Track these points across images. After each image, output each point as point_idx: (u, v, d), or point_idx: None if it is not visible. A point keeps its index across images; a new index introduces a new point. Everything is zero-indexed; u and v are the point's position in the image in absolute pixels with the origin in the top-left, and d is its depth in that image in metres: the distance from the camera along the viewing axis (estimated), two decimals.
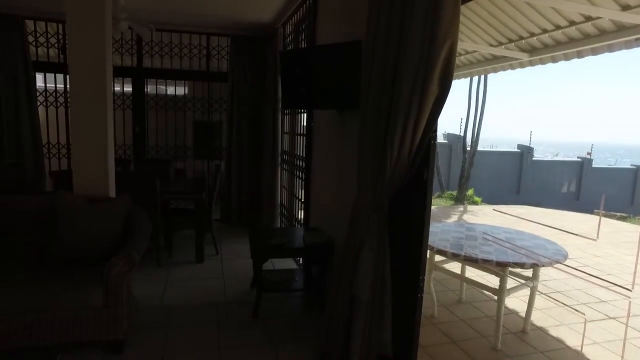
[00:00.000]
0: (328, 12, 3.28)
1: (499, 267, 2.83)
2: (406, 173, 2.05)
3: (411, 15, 1.84)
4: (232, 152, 5.56)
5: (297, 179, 4.26)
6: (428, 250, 2.41)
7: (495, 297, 2.96)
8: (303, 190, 3.92)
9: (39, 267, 2.74)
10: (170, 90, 5.78)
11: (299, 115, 4.28)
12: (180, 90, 6.21)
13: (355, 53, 2.43)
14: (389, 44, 1.98)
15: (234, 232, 5.44)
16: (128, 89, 5.68)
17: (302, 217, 3.97)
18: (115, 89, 5.44)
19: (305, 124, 3.87)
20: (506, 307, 3.41)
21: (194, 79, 5.78)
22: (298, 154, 4.26)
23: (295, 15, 4.20)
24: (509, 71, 5.54)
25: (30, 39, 5.03)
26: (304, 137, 3.89)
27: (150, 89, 5.79)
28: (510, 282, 2.99)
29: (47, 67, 5.23)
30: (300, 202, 4.15)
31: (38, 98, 5.17)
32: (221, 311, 3.19)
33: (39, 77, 5.25)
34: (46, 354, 2.48)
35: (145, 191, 3.79)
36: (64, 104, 5.35)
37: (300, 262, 3.85)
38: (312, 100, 3.07)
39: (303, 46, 4.03)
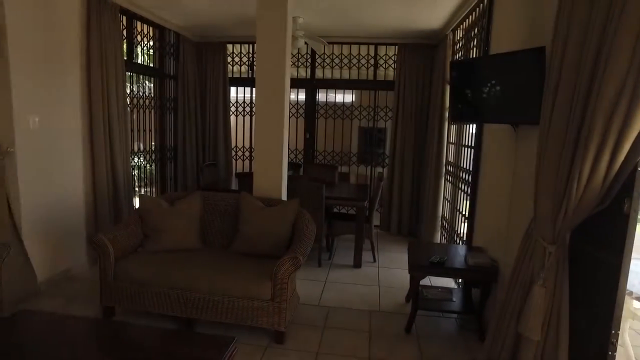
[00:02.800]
0: (504, 14, 2.99)
1: None
2: (598, 203, 1.72)
3: (619, 16, 1.52)
4: (395, 160, 5.57)
5: (461, 193, 4.01)
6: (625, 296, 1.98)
7: None
8: (467, 205, 3.66)
9: (224, 255, 3.20)
10: (339, 99, 6.11)
11: (467, 125, 4.01)
12: (348, 99, 6.50)
13: (536, 61, 2.15)
14: (585, 50, 1.68)
15: (392, 240, 5.44)
16: (302, 97, 6.21)
17: (465, 233, 3.72)
18: (291, 97, 6.03)
19: (473, 136, 3.61)
20: None
21: (362, 87, 5.98)
22: (464, 166, 4.00)
23: (467, 20, 3.95)
24: None
25: (228, 59, 5.96)
26: (472, 150, 3.63)
27: (321, 97, 6.22)
28: None
29: (239, 82, 6.12)
30: (463, 217, 3.90)
31: (230, 108, 6.11)
32: (374, 320, 3.21)
33: (232, 90, 6.19)
34: (227, 332, 2.89)
35: (312, 196, 4.08)
36: (249, 113, 6.18)
37: (460, 281, 3.61)
38: (482, 114, 2.84)
39: (474, 52, 3.76)
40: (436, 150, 4.82)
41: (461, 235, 3.93)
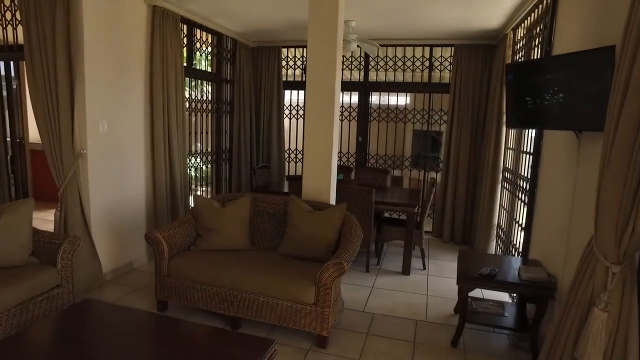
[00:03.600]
0: (570, 11, 2.78)
1: None
2: None
3: None
4: (449, 165, 5.39)
5: (519, 201, 3.79)
6: None
7: None
8: (525, 215, 3.46)
9: (271, 257, 3.26)
10: (393, 101, 6.02)
11: (527, 130, 3.78)
12: (402, 101, 6.38)
13: (605, 61, 1.98)
14: None
15: (444, 247, 5.26)
16: (355, 100, 6.19)
17: (521, 244, 3.51)
18: (345, 100, 6.04)
19: (533, 142, 3.40)
20: None
21: (416, 90, 5.85)
22: (522, 173, 3.78)
23: (529, 17, 3.73)
24: None
25: (283, 63, 6.08)
26: (531, 156, 3.42)
27: (374, 100, 6.16)
28: None
29: (292, 85, 6.23)
30: (520, 227, 3.68)
31: (284, 111, 6.22)
32: (420, 330, 3.12)
33: (286, 93, 6.30)
34: (271, 332, 2.95)
35: (362, 200, 4.05)
36: (302, 116, 6.27)
37: (514, 295, 3.41)
38: (542, 119, 2.66)
39: (536, 52, 3.54)
40: (493, 155, 4.60)
41: (517, 246, 3.72)
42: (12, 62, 4.36)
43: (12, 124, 4.21)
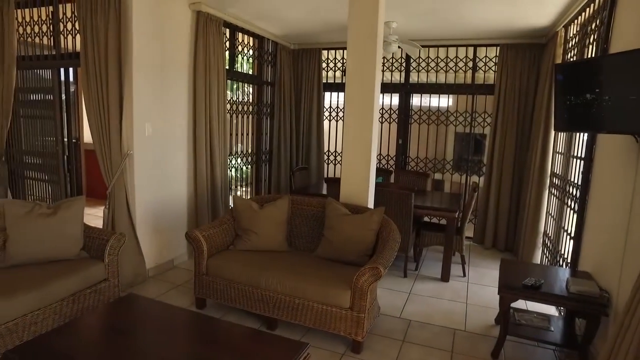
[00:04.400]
0: (630, 5, 2.60)
1: None
2: None
3: None
4: (493, 169, 5.19)
5: (568, 209, 3.58)
6: None
7: None
8: (574, 223, 3.26)
9: (308, 259, 3.26)
10: (434, 103, 5.88)
11: (578, 134, 3.57)
12: (444, 103, 6.22)
13: None
14: None
15: (485, 255, 5.07)
16: (395, 102, 6.10)
17: (570, 255, 3.31)
18: (385, 102, 5.96)
19: (584, 146, 3.21)
20: None
21: (458, 92, 5.68)
22: (572, 179, 3.57)
23: (583, 14, 3.52)
24: None
25: (323, 65, 6.09)
26: (582, 161, 3.23)
27: (414, 101, 6.04)
28: None
29: (333, 87, 6.23)
30: (569, 237, 3.48)
31: (324, 113, 6.23)
32: (458, 340, 3.02)
33: (326, 95, 6.31)
34: (306, 335, 2.95)
35: (401, 204, 3.98)
36: (342, 118, 6.25)
37: (561, 309, 3.23)
38: (595, 122, 2.50)
39: (590, 51, 3.34)
40: (540, 159, 4.38)
41: (565, 256, 3.51)
42: (71, 69, 4.64)
43: (69, 125, 4.47)
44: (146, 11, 3.61)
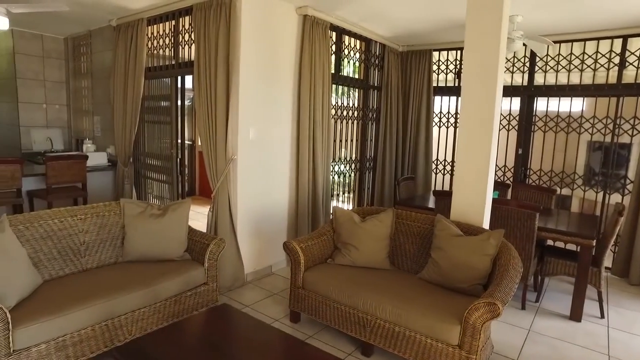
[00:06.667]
0: None
1: None
2: None
3: None
4: None
5: None
6: None
7: None
8: None
9: (412, 282, 2.93)
10: (563, 108, 5.07)
11: None
12: (576, 107, 5.35)
13: None
14: None
15: (630, 292, 4.18)
16: (515, 106, 5.41)
17: None
18: (504, 107, 5.31)
19: None
20: None
21: (598, 94, 4.81)
22: None
23: None
24: None
25: (434, 67, 5.66)
26: None
27: (539, 106, 5.29)
28: None
29: (444, 91, 5.75)
30: None
31: (433, 119, 5.79)
32: None
33: (436, 100, 5.85)
34: None
35: (521, 225, 3.44)
36: (454, 125, 5.75)
37: None
38: None
39: None
40: None
41: None
42: (191, 76, 4.95)
43: (182, 129, 4.75)
44: (254, 19, 3.63)
